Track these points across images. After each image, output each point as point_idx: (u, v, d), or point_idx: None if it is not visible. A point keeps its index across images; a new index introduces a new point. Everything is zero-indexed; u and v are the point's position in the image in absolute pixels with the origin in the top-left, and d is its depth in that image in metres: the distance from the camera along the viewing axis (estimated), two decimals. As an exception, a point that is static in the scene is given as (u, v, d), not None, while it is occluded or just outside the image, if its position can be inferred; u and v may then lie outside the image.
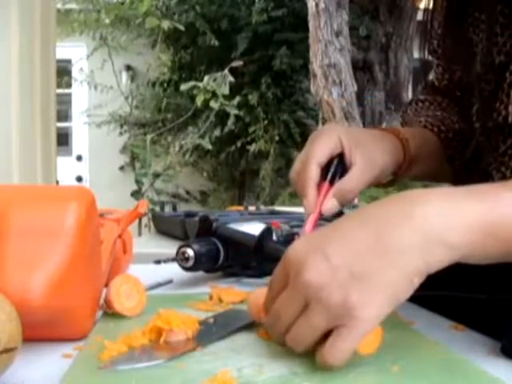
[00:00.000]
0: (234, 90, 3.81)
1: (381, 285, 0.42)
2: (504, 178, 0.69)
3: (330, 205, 0.63)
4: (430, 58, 0.82)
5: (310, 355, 0.48)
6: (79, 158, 6.05)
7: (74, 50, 5.39)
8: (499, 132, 0.68)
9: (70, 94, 5.89)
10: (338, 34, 3.90)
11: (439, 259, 0.43)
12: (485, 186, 0.48)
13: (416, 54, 4.43)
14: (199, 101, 3.18)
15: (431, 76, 0.84)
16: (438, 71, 0.84)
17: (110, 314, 0.61)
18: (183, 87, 3.31)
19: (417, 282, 0.43)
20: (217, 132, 4.88)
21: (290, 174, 0.67)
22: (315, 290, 0.42)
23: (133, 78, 5.69)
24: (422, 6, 0.79)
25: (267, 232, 0.83)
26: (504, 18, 0.65)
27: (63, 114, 5.74)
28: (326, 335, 0.43)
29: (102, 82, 4.96)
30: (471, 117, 0.75)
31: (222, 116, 4.31)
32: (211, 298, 0.68)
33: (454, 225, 0.43)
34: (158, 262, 0.85)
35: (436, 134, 0.78)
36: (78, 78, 5.24)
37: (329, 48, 3.86)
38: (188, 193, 5.65)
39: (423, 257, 0.43)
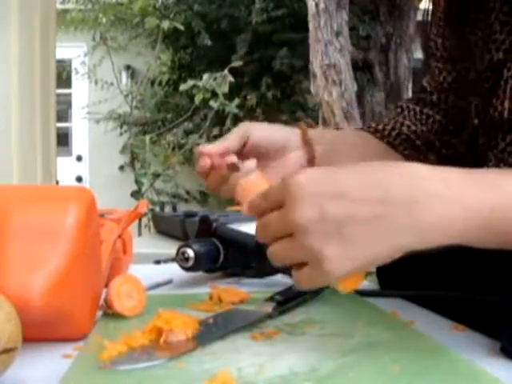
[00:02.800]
0: (234, 91, 3.81)
1: (363, 253, 0.44)
2: None
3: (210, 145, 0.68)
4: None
5: (310, 355, 0.48)
6: (79, 158, 6.05)
7: (74, 50, 5.38)
8: (498, 129, 0.69)
9: (70, 94, 5.89)
10: (337, 34, 3.90)
11: (432, 243, 0.45)
12: (486, 174, 0.48)
13: (416, 54, 4.43)
14: (198, 99, 3.18)
15: (424, 81, 0.85)
16: (434, 73, 0.84)
17: (110, 314, 0.61)
18: (183, 87, 3.31)
19: (397, 256, 0.45)
20: (216, 131, 4.88)
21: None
22: (300, 229, 0.44)
23: (133, 78, 5.69)
24: (422, 6, 0.79)
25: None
26: (503, 16, 0.66)
27: (63, 114, 5.73)
28: None
29: (102, 79, 4.96)
30: (468, 114, 0.75)
31: (221, 115, 4.31)
32: (211, 298, 0.68)
33: (453, 217, 0.44)
34: (157, 262, 0.85)
35: (379, 138, 0.81)
36: (80, 70, 5.24)
37: (329, 48, 3.86)
38: (188, 193, 5.64)
39: (417, 241, 0.44)
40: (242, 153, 0.69)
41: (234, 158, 0.66)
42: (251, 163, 0.66)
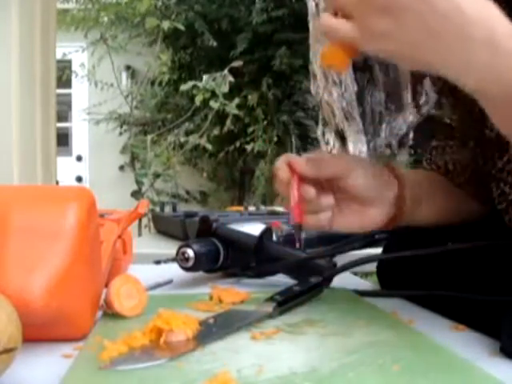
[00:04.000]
0: (234, 91, 3.81)
1: (405, 38, 0.47)
2: (504, 194, 0.70)
3: (302, 163, 0.61)
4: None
5: (310, 355, 0.48)
6: (79, 158, 6.05)
7: (74, 50, 5.38)
8: (494, 148, 0.69)
9: (69, 94, 5.89)
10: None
11: (478, 60, 0.46)
12: None
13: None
14: (198, 100, 3.18)
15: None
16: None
17: (110, 314, 0.61)
18: (183, 87, 3.31)
19: (433, 64, 0.48)
20: (216, 131, 4.88)
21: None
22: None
23: (133, 78, 5.69)
24: None
25: (267, 232, 0.83)
26: None
27: (63, 114, 5.73)
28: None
29: (102, 80, 4.96)
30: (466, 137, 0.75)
31: (221, 115, 4.31)
32: (211, 298, 0.68)
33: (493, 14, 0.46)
34: (158, 262, 0.85)
35: (443, 174, 0.78)
36: (80, 72, 5.24)
37: (329, 48, 3.86)
38: (188, 193, 5.64)
39: (468, 53, 0.46)
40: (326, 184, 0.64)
41: (312, 193, 0.61)
42: (328, 201, 0.62)
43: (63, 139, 5.62)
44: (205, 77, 3.19)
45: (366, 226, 0.66)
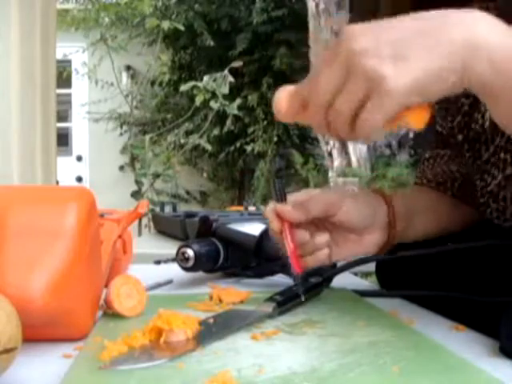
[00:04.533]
0: (234, 91, 3.80)
1: (418, 64, 0.45)
2: (487, 186, 0.70)
3: (290, 210, 0.60)
4: None
5: (310, 355, 0.48)
6: (79, 159, 6.05)
7: (74, 50, 5.38)
8: (481, 141, 0.70)
9: (69, 94, 5.90)
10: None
11: (477, 70, 0.45)
12: None
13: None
14: (199, 101, 3.18)
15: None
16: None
17: (110, 314, 0.61)
18: (183, 88, 3.31)
19: (452, 80, 0.46)
20: (216, 131, 4.88)
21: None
22: (356, 55, 0.45)
23: (133, 78, 5.70)
24: None
25: (267, 232, 0.83)
26: None
27: (63, 114, 5.73)
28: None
29: (102, 79, 4.97)
30: (454, 130, 0.75)
31: (222, 116, 4.31)
32: (211, 298, 0.68)
33: (506, 47, 0.45)
34: (158, 262, 0.85)
35: (434, 187, 0.79)
36: (80, 70, 5.24)
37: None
38: (188, 193, 5.65)
39: (465, 58, 0.45)
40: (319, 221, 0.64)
41: (306, 236, 0.61)
42: (323, 238, 0.62)
43: (63, 139, 5.62)
44: (205, 77, 3.18)
45: (363, 253, 0.69)
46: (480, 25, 0.46)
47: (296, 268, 0.61)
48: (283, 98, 0.51)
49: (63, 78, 5.08)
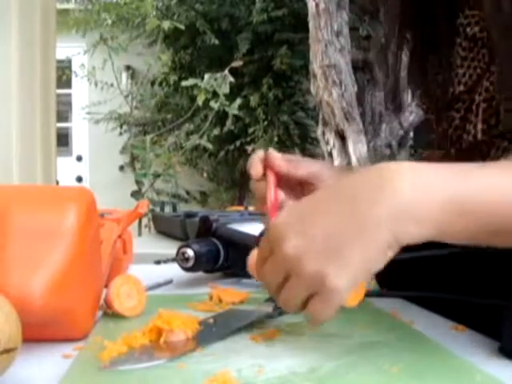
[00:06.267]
0: (235, 91, 3.80)
1: (355, 257, 0.45)
2: None
3: (278, 156, 0.61)
4: None
5: (310, 355, 0.48)
6: (79, 159, 6.05)
7: (74, 51, 5.38)
8: (474, 154, 0.70)
9: (70, 94, 5.90)
10: (338, 34, 3.89)
11: (409, 234, 0.45)
12: (460, 165, 0.48)
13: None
14: (200, 100, 3.17)
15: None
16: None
17: (110, 314, 0.61)
18: (184, 84, 3.29)
19: (390, 254, 0.46)
20: (216, 131, 4.88)
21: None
22: (293, 261, 0.45)
23: (133, 79, 5.69)
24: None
25: (267, 232, 0.83)
26: (463, 51, 0.69)
27: (63, 114, 5.73)
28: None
29: (102, 80, 4.97)
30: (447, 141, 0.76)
31: (222, 116, 4.31)
32: (211, 298, 0.68)
33: (423, 201, 0.45)
34: (158, 262, 0.85)
35: None
36: (79, 73, 5.24)
37: (329, 48, 3.85)
38: (188, 193, 5.64)
39: (393, 231, 0.45)
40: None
41: (282, 195, 0.61)
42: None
43: (63, 139, 5.62)
44: (206, 76, 3.18)
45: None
46: (401, 187, 0.45)
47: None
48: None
49: (63, 78, 5.08)
